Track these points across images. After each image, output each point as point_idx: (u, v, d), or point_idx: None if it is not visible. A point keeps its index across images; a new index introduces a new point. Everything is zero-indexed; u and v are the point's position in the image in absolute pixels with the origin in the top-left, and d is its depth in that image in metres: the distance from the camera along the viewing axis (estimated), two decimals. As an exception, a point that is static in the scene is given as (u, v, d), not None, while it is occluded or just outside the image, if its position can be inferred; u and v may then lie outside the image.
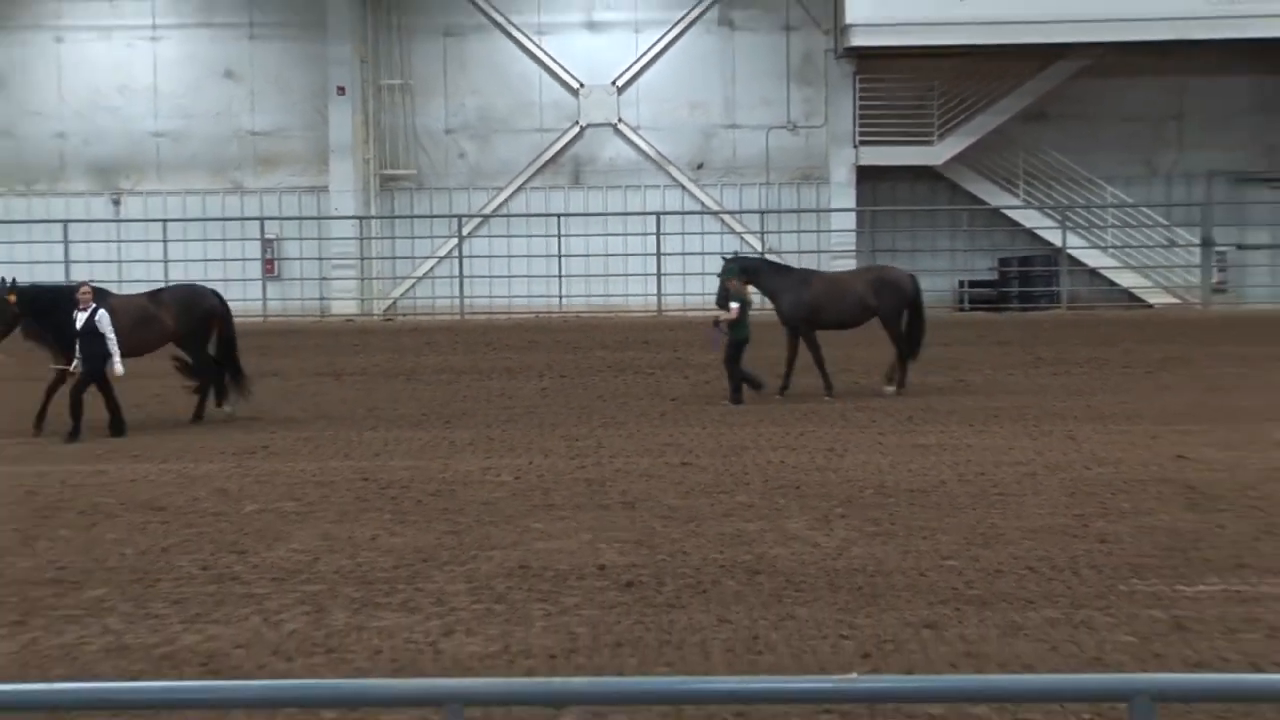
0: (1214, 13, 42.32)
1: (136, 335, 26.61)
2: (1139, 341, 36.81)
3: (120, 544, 18.41)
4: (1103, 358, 34.02)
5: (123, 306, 26.83)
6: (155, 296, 28.18)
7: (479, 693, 9.35)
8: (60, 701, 11.31)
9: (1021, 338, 38.15)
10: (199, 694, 10.28)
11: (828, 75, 45.74)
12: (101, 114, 47.17)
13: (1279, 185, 46.39)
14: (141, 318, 26.92)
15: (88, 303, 25.60)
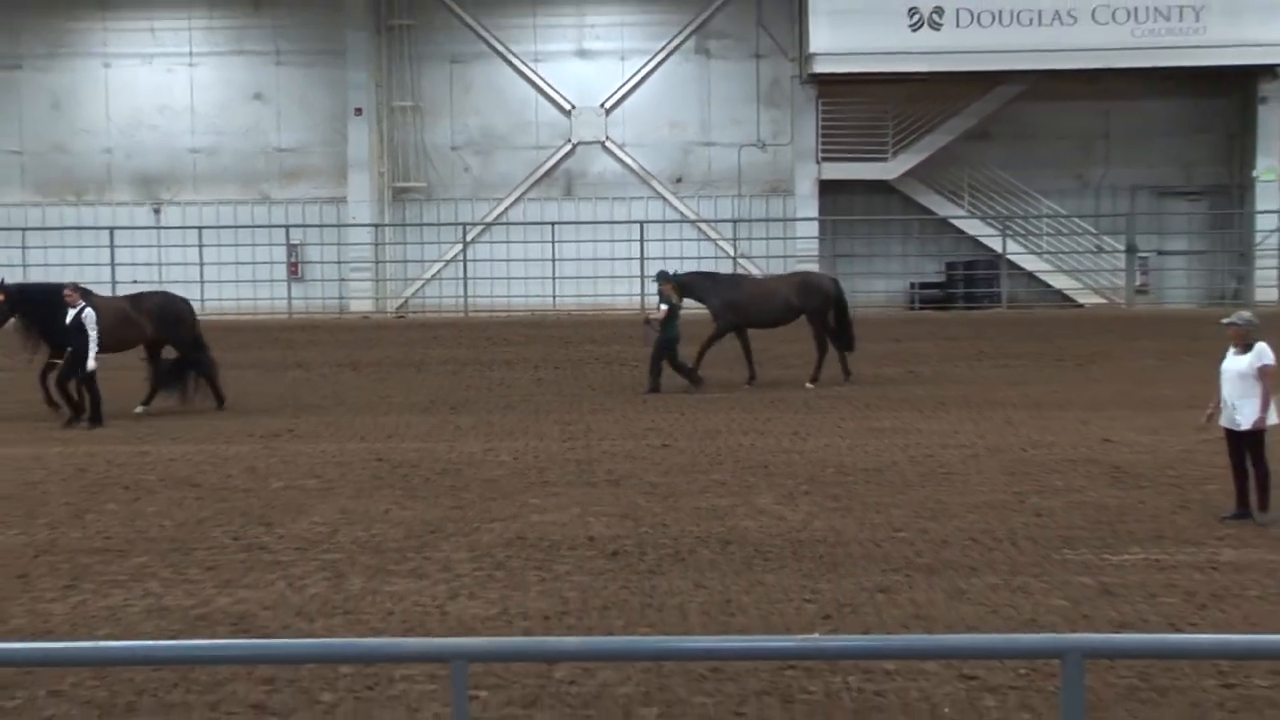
0: (1137, 44, 42.36)
1: (118, 334, 26.45)
2: (1070, 338, 36.86)
3: (160, 516, 18.42)
4: (1038, 352, 34.08)
5: (106, 307, 26.61)
6: (136, 301, 27.92)
7: (481, 650, 9.34)
8: (106, 658, 11.30)
9: (966, 334, 38.17)
10: (230, 651, 10.26)
11: (793, 99, 45.69)
12: (144, 132, 47.09)
13: (1195, 198, 46.42)
14: (122, 319, 26.70)
15: (74, 301, 25.43)
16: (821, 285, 30.39)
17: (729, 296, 29.97)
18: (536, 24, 46.50)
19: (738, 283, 30.90)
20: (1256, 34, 42.23)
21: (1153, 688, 11.77)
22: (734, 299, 29.87)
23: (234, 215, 46.45)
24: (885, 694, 11.71)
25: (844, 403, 27.06)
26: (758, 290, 30.59)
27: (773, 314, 30.11)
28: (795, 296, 30.00)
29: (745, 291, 30.36)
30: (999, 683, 11.86)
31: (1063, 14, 42.36)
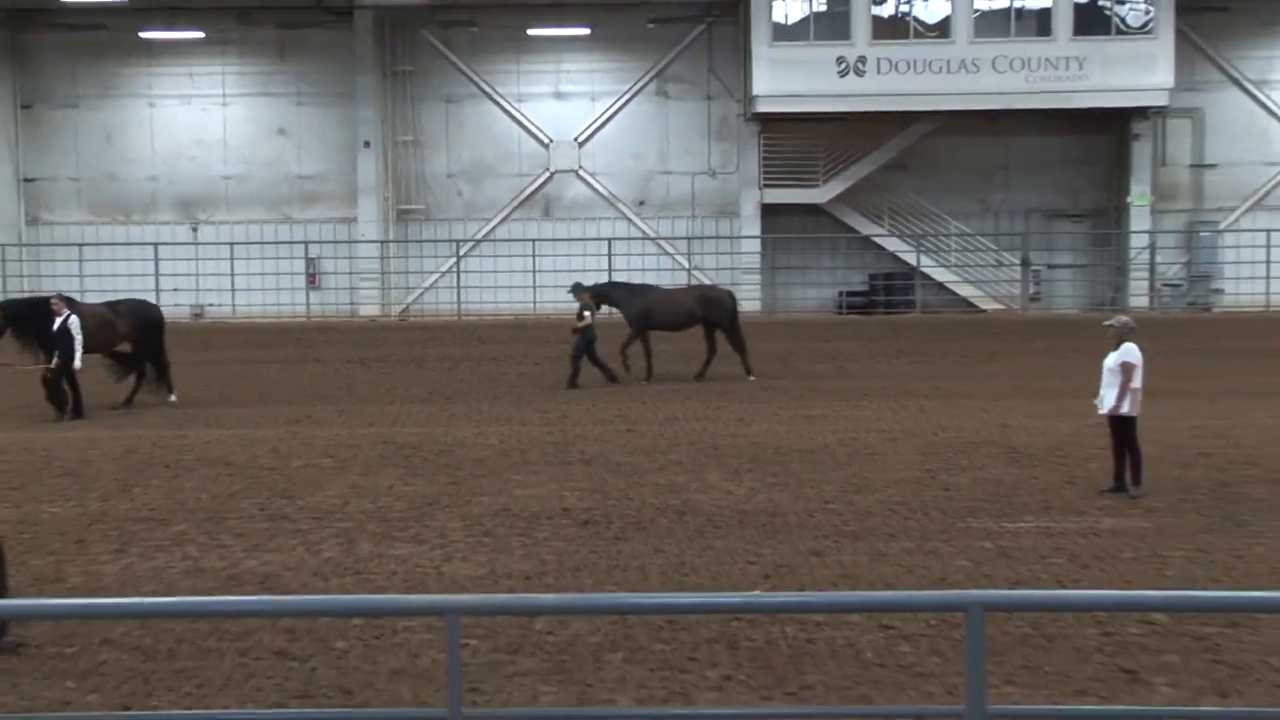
0: (1030, 89, 42.56)
1: (100, 336, 25.93)
2: (974, 338, 36.97)
3: (197, 491, 18.36)
4: (946, 350, 34.16)
5: (89, 313, 25.93)
6: (114, 306, 27.21)
7: (471, 606, 9.34)
8: (150, 612, 11.27)
9: (886, 335, 38.27)
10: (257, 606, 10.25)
11: (739, 134, 45.75)
12: (183, 162, 46.98)
13: (1079, 220, 46.63)
14: (103, 322, 26.14)
15: (60, 310, 24.92)
16: (719, 297, 30.19)
17: (639, 304, 29.73)
18: (519, 69, 46.53)
19: (646, 292, 30.62)
20: (1130, 82, 42.57)
21: (1042, 635, 11.83)
22: (644, 307, 29.67)
23: (260, 233, 46.39)
24: (816, 641, 11.74)
25: (781, 394, 27.09)
26: (663, 299, 30.33)
27: (676, 320, 29.87)
28: (696, 306, 29.76)
29: (653, 300, 30.11)
30: (913, 631, 11.90)
31: (967, 63, 42.57)
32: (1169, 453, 19.86)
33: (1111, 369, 17.24)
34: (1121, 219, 45.53)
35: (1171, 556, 14.50)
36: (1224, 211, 45.98)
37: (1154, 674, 11.01)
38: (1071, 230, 46.55)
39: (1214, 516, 16.25)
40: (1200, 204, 46.13)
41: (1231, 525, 15.79)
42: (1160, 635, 11.83)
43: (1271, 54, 45.71)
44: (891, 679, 10.94)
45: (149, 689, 10.97)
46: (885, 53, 42.73)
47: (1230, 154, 45.93)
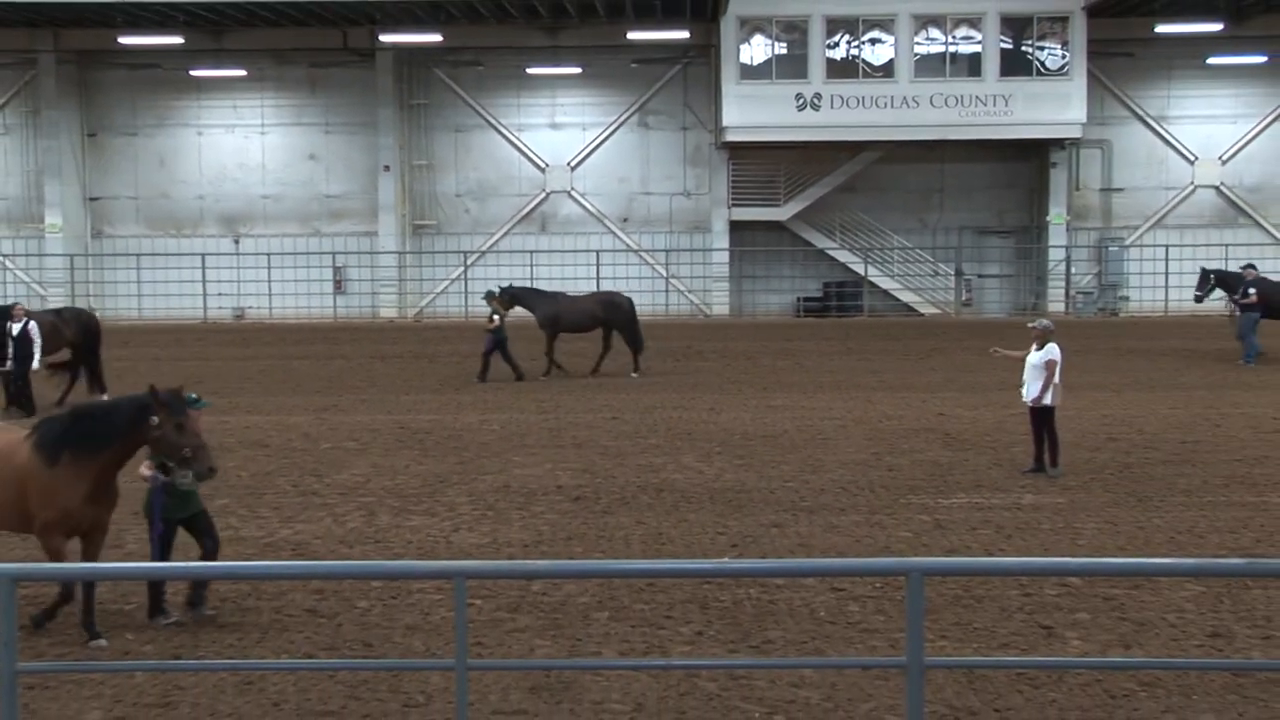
0: (963, 122, 42.58)
1: (51, 341, 24.48)
2: (914, 338, 37.01)
3: (238, 469, 18.32)
4: (890, 349, 34.19)
5: (40, 320, 24.58)
6: (59, 314, 25.99)
7: (476, 570, 9.34)
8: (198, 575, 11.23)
9: (838, 335, 38.29)
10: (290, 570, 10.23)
11: (710, 160, 45.72)
12: (227, 183, 46.85)
13: (1005, 235, 46.67)
14: (53, 329, 24.61)
15: (20, 316, 23.95)
16: (619, 302, 29.57)
17: (550, 309, 29.23)
18: (519, 103, 46.45)
19: (556, 298, 30.08)
20: (1049, 116, 42.66)
21: (972, 596, 11.85)
22: (553, 311, 29.16)
23: (294, 245, 46.31)
24: (776, 602, 11.74)
25: (746, 386, 27.08)
26: (571, 304, 29.78)
27: (581, 323, 29.22)
28: (598, 310, 29.19)
29: (561, 305, 29.58)
30: (861, 593, 11.92)
31: (909, 100, 42.59)
32: (1082, 438, 19.90)
33: (1036, 365, 17.29)
34: (1042, 235, 45.62)
35: (1084, 528, 14.53)
36: (1129, 229, 46.09)
37: (1068, 629, 11.03)
38: (998, 244, 46.61)
39: (1120, 493, 16.29)
40: (1109, 223, 46.21)
41: (1135, 501, 15.84)
42: (1074, 596, 11.86)
43: (1169, 93, 45.84)
44: (842, 634, 10.95)
45: (196, 642, 10.95)
46: (838, 90, 42.74)
47: (1134, 180, 46.06)
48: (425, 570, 10.36)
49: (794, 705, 9.39)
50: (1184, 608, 11.56)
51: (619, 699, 9.55)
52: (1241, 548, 13.65)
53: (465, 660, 7.16)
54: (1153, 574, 11.73)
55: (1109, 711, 9.26)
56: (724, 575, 12.01)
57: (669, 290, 46.07)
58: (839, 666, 10.15)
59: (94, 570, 10.87)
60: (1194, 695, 9.53)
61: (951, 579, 12.02)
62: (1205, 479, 17.13)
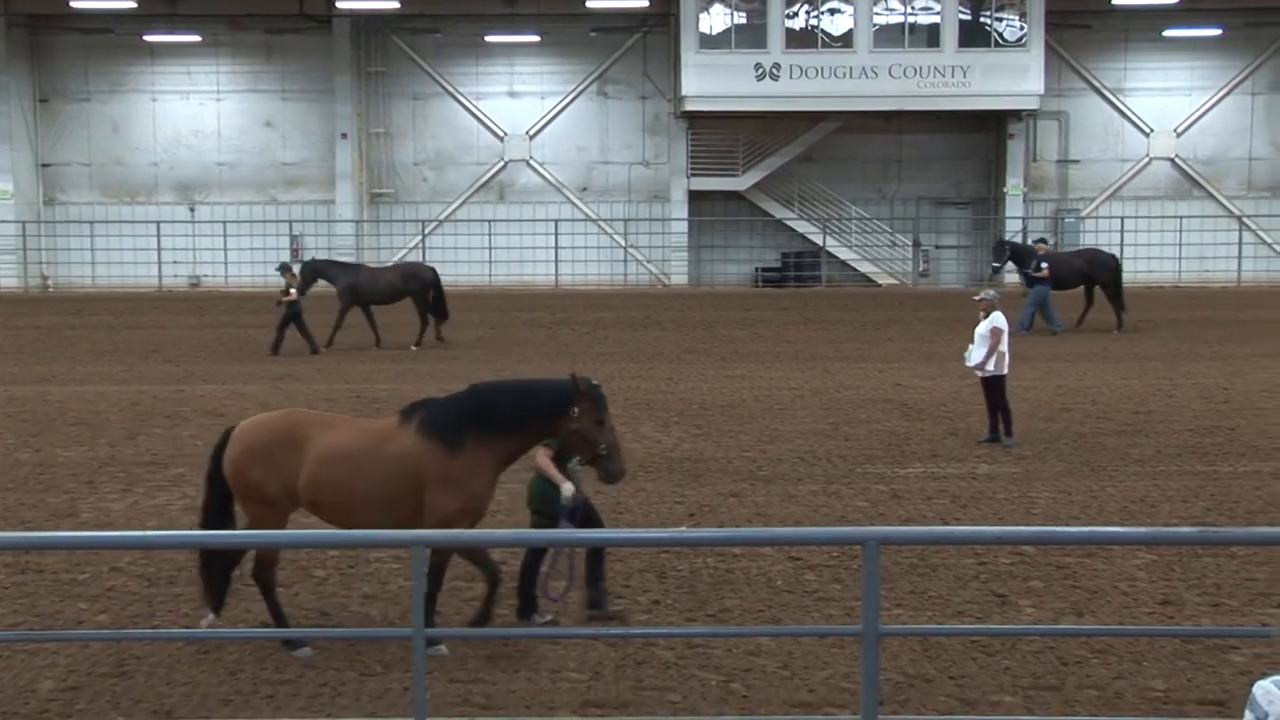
0: (922, 93, 42.69)
1: None
2: (871, 309, 37.14)
3: (194, 438, 18.23)
4: (847, 319, 34.30)
5: None
6: None
7: (434, 539, 9.33)
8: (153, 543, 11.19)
9: (796, 306, 38.38)
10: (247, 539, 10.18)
11: (669, 130, 45.66)
12: (182, 150, 46.45)
13: (963, 207, 46.84)
14: None
15: None
16: (421, 273, 29.28)
17: (350, 280, 28.77)
18: (478, 71, 46.22)
19: (356, 270, 29.65)
20: (1007, 88, 42.79)
21: (927, 565, 11.94)
22: (353, 282, 28.72)
23: (250, 213, 46.01)
24: (734, 571, 11.80)
25: (703, 356, 27.12)
26: (371, 276, 29.37)
27: (382, 294, 28.77)
28: (400, 281, 28.85)
29: (362, 277, 29.16)
30: (818, 562, 11.99)
31: (868, 70, 42.62)
32: (1036, 408, 20.06)
33: (982, 334, 17.43)
34: (999, 206, 45.80)
35: (1038, 497, 14.66)
36: (1085, 200, 46.36)
37: (1021, 597, 11.14)
38: (956, 215, 46.77)
39: (1074, 463, 16.43)
40: (1065, 194, 46.47)
41: (1089, 471, 15.98)
42: (1027, 564, 11.97)
43: (1126, 65, 46.08)
44: (799, 603, 11.01)
45: (151, 611, 10.92)
46: (797, 60, 42.73)
47: (1090, 151, 46.33)
48: (382, 539, 10.33)
49: (751, 673, 9.45)
50: (1136, 576, 11.69)
51: (576, 668, 9.58)
52: (1193, 516, 13.80)
53: (423, 629, 7.17)
54: (1105, 542, 11.86)
55: (1061, 678, 9.36)
56: (681, 544, 12.04)
57: (627, 260, 46.06)
58: (795, 635, 10.21)
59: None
60: (1144, 661, 9.65)
61: (907, 548, 12.11)
62: (1158, 449, 17.30)
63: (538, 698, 9.10)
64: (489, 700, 9.05)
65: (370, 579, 11.65)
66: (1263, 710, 4.86)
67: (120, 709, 8.95)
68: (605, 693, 9.15)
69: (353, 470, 9.81)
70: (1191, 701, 8.97)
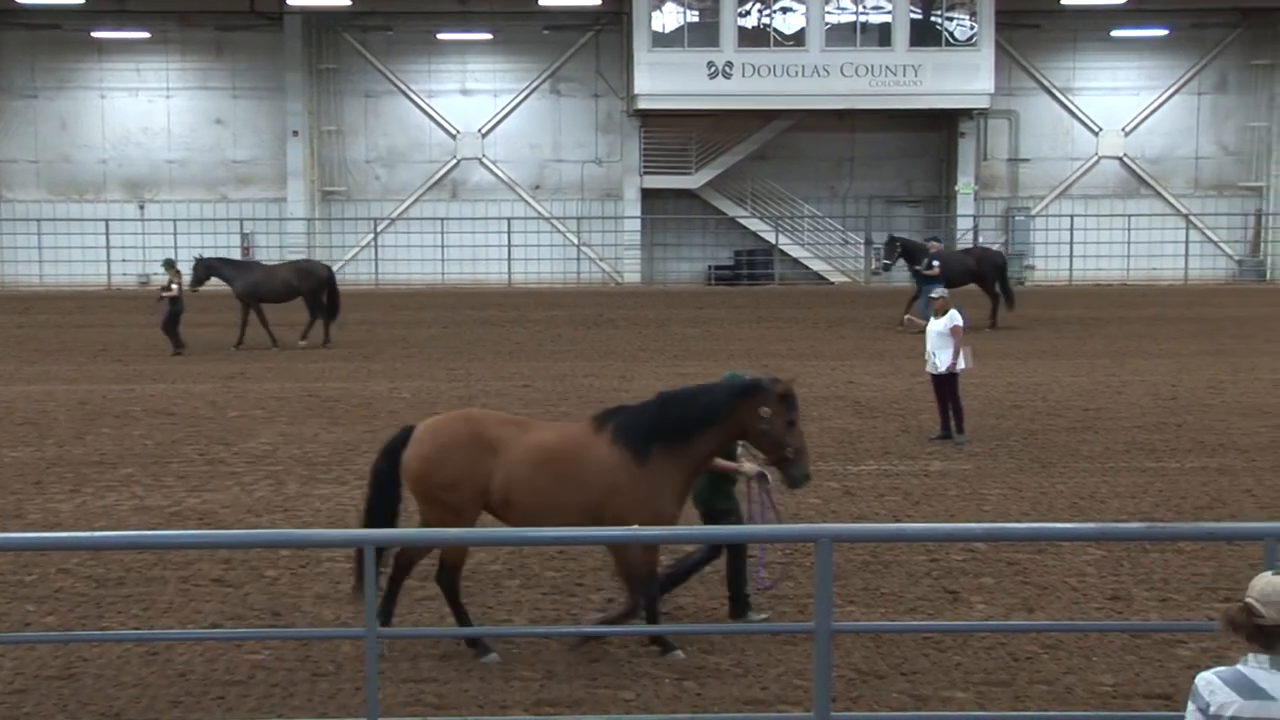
0: (873, 92, 42.88)
1: None
2: (824, 306, 37.25)
3: (143, 438, 18.09)
4: (800, 317, 34.39)
5: None
6: None
7: (385, 538, 9.30)
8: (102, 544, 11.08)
9: (749, 304, 38.46)
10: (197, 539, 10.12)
11: (622, 128, 45.66)
12: (131, 147, 46.06)
13: (914, 205, 47.09)
14: None
15: None
16: (316, 271, 29.03)
17: (245, 279, 28.50)
18: (430, 69, 46.10)
19: (251, 268, 29.35)
20: (957, 87, 43.06)
21: (880, 562, 11.98)
22: (249, 281, 28.45)
23: (200, 211, 45.69)
24: (687, 568, 11.80)
25: (658, 354, 27.13)
26: (266, 274, 29.08)
27: (277, 293, 28.45)
28: (294, 279, 28.54)
29: (257, 275, 28.90)
30: (770, 559, 12.00)
31: (819, 69, 42.79)
32: (987, 406, 20.17)
33: (941, 333, 17.49)
34: (950, 204, 46.08)
35: (989, 494, 14.74)
36: (1035, 199, 46.72)
37: (973, 594, 11.20)
38: (908, 214, 46.98)
39: (1025, 460, 16.54)
40: (1016, 192, 46.80)
41: (1039, 467, 16.09)
42: (979, 561, 12.04)
43: (1075, 65, 46.47)
44: (751, 600, 11.02)
45: (100, 612, 10.81)
46: (749, 59, 42.83)
47: (1040, 150, 46.69)
48: (335, 539, 10.30)
49: (704, 671, 9.45)
50: (1085, 571, 11.78)
51: (530, 666, 9.56)
52: (1141, 512, 13.92)
53: (375, 628, 7.14)
54: (1055, 539, 11.94)
55: (1012, 673, 9.42)
56: (635, 542, 12.03)
57: (580, 258, 46.03)
58: (748, 632, 10.23)
59: None
60: (1094, 656, 9.73)
61: (860, 545, 12.15)
62: (1106, 445, 17.43)
63: (490, 697, 9.07)
64: (441, 700, 9.02)
65: (322, 578, 11.58)
66: (1204, 701, 4.94)
67: (68, 712, 8.86)
68: (558, 692, 9.14)
69: (554, 475, 9.58)
70: (1139, 695, 9.05)
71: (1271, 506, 14.14)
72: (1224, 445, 17.44)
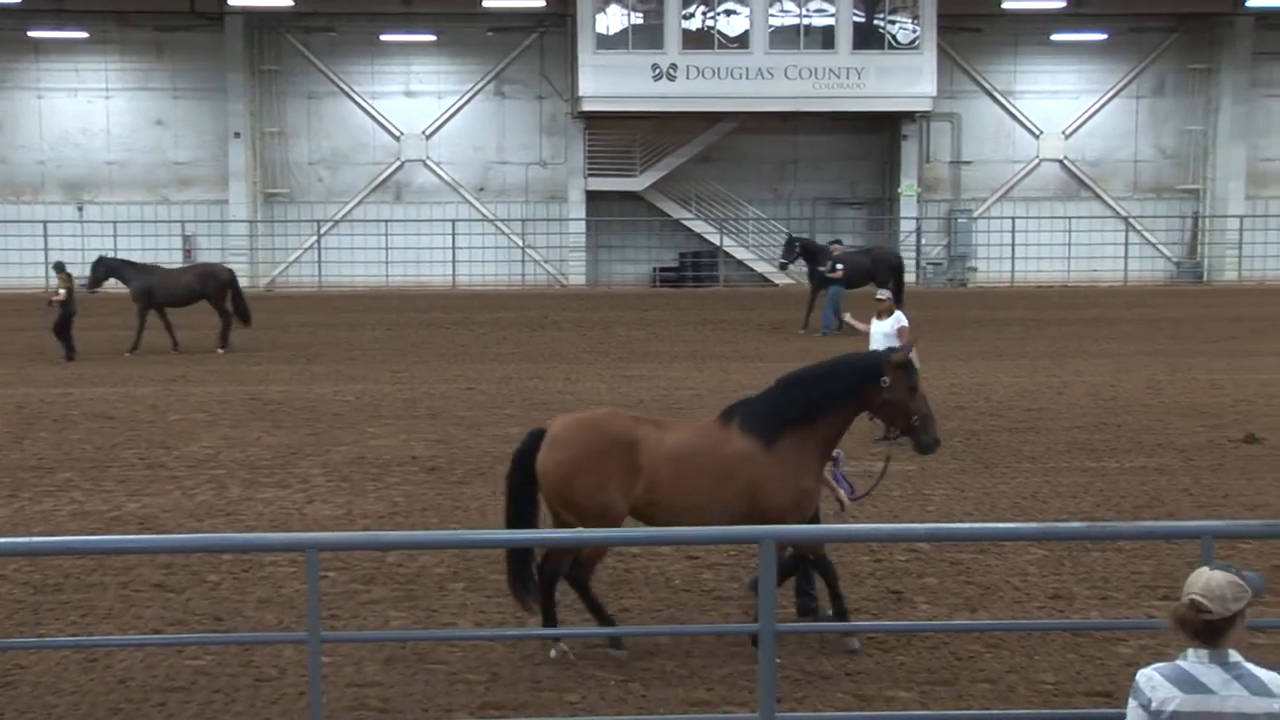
0: (817, 94, 43.07)
1: None
2: (768, 309, 37.32)
3: (82, 442, 17.89)
4: (745, 319, 34.47)
5: None
6: None
7: (330, 542, 9.25)
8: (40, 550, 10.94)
9: (693, 305, 38.52)
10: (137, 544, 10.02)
11: (566, 130, 45.64)
12: (70, 148, 45.61)
13: (858, 207, 47.36)
14: None
15: None
16: (218, 274, 28.67)
17: (144, 282, 28.11)
18: (373, 70, 45.92)
19: (150, 270, 28.97)
20: (900, 90, 43.34)
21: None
22: (147, 283, 28.08)
23: (141, 213, 45.28)
24: (632, 570, 11.80)
25: (603, 356, 27.12)
26: (166, 277, 28.70)
27: (178, 296, 28.12)
28: (195, 283, 28.22)
29: (156, 278, 28.46)
30: (714, 561, 12.03)
31: (763, 71, 42.94)
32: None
33: (888, 334, 17.56)
34: (893, 206, 46.38)
35: (933, 494, 14.83)
36: (977, 201, 47.10)
37: (916, 594, 11.26)
38: (851, 216, 47.25)
39: (967, 460, 16.65)
40: (958, 195, 47.16)
41: (982, 468, 16.20)
42: (923, 561, 12.10)
43: (1016, 68, 46.90)
44: (696, 602, 11.05)
45: (38, 619, 10.68)
46: (693, 61, 42.93)
47: (982, 152, 47.07)
48: (277, 543, 10.23)
49: (649, 673, 9.45)
50: (1027, 571, 11.87)
51: (475, 669, 9.53)
52: (1082, 511, 14.04)
53: (318, 633, 7.09)
54: (998, 538, 12.03)
55: (955, 673, 9.48)
56: (579, 544, 12.02)
57: (525, 260, 45.97)
58: (693, 634, 10.24)
59: None
60: (1035, 655, 9.80)
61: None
62: (1048, 446, 17.58)
63: (435, 701, 9.03)
64: (386, 704, 8.97)
65: (265, 583, 11.50)
66: (1146, 697, 4.99)
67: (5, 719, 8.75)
68: (503, 694, 9.11)
69: (699, 472, 9.56)
70: (1080, 693, 9.13)
71: (1208, 505, 14.31)
72: (1162, 445, 17.63)
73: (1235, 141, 46.37)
